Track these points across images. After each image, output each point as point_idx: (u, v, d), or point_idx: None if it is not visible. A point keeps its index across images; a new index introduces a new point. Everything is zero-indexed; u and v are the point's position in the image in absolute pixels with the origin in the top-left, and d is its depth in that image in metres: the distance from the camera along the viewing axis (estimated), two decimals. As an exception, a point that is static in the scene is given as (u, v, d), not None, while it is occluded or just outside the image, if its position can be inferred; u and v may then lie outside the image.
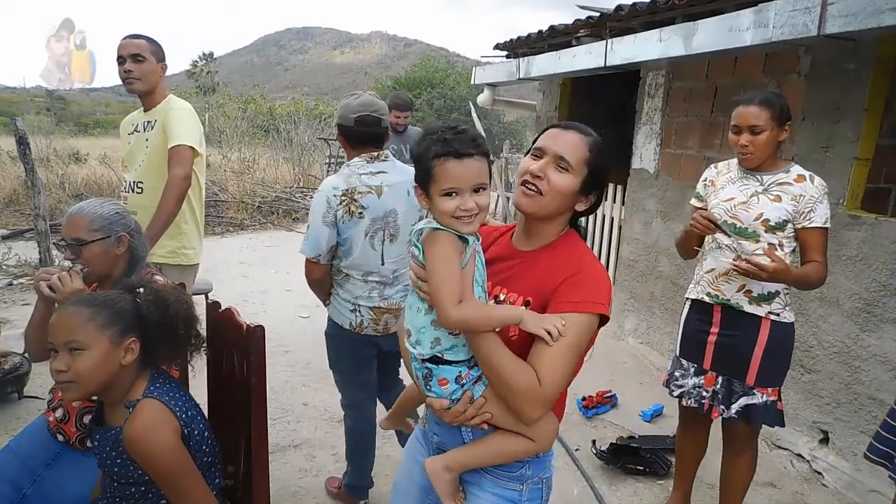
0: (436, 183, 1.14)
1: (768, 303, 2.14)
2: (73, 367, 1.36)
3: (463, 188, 1.13)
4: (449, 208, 1.13)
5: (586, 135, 1.27)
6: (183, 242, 2.74)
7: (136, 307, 1.48)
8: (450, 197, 1.14)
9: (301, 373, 3.95)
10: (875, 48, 2.76)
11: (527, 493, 1.30)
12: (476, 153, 1.14)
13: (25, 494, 1.72)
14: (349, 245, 2.21)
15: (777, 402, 2.19)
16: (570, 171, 1.23)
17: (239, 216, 9.54)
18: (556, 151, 1.23)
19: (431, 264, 1.14)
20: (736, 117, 2.12)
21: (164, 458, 1.37)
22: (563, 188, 1.23)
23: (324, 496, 2.66)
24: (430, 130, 1.18)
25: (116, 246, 1.81)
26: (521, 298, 1.23)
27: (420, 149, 1.17)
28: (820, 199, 2.07)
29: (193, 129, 2.67)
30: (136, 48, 2.67)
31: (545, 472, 1.33)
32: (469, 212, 1.14)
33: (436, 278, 1.13)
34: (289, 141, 14.11)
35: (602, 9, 4.34)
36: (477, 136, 1.17)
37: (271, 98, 21.51)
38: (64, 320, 1.40)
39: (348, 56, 77.00)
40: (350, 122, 2.21)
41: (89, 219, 1.78)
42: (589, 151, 1.25)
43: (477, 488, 1.31)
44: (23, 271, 5.83)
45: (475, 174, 1.14)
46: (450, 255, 1.13)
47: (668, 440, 3.01)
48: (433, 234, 1.15)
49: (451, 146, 1.12)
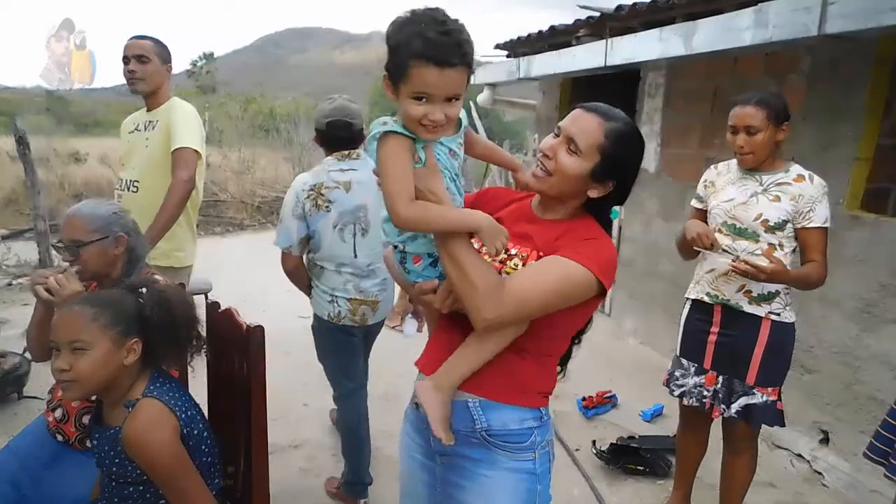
0: (407, 83, 1.05)
1: (768, 303, 2.14)
2: (76, 367, 1.37)
3: (435, 96, 1.04)
4: (416, 113, 1.06)
5: (608, 119, 1.20)
6: (175, 244, 2.73)
7: (138, 308, 1.48)
8: (419, 101, 1.05)
9: (301, 373, 3.94)
10: (875, 48, 2.76)
11: (539, 459, 1.28)
12: (459, 63, 1.03)
13: (25, 494, 1.72)
14: (318, 237, 2.35)
15: (777, 401, 2.19)
16: (580, 154, 1.19)
17: (239, 216, 9.55)
18: (570, 132, 1.20)
19: (382, 167, 1.10)
20: (732, 118, 2.12)
21: (163, 458, 1.37)
22: (570, 171, 1.20)
23: (324, 496, 2.66)
24: (414, 16, 1.04)
25: (115, 246, 1.81)
26: (535, 253, 1.22)
27: (398, 36, 1.04)
28: (819, 198, 2.07)
29: (197, 132, 2.67)
30: (140, 49, 2.68)
31: (549, 435, 1.33)
32: (436, 122, 1.06)
33: (386, 179, 1.10)
34: (289, 141, 14.11)
35: (602, 9, 4.34)
36: (464, 39, 1.04)
37: (271, 98, 21.47)
38: (67, 319, 1.40)
39: (348, 56, 77.00)
40: (322, 126, 2.38)
41: (87, 220, 1.78)
42: (605, 138, 1.19)
43: (489, 468, 1.26)
44: (22, 271, 5.84)
45: (452, 85, 1.04)
46: (399, 157, 1.09)
47: (668, 440, 3.01)
48: (384, 137, 1.10)
49: (434, 49, 1.01)
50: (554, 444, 1.37)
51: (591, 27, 4.36)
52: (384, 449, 3.02)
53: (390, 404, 3.48)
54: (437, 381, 1.24)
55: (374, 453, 2.97)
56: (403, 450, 1.44)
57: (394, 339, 4.00)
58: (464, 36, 1.05)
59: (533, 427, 1.26)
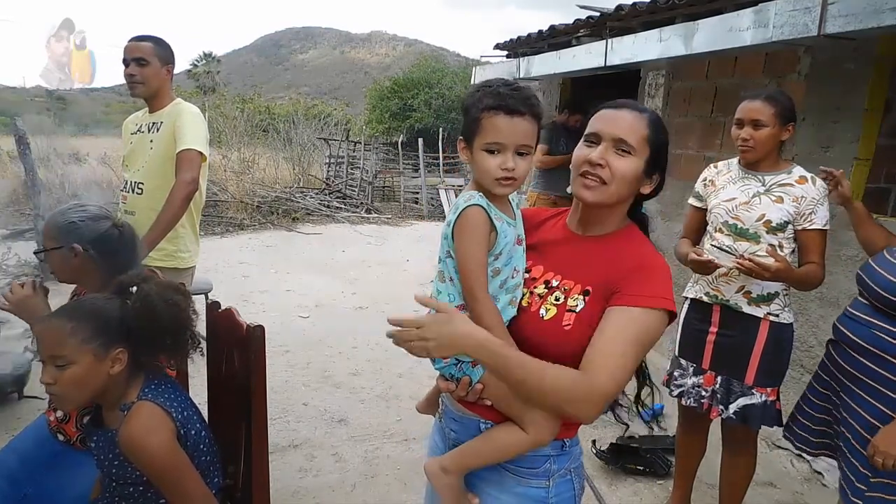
0: (481, 135, 1.12)
1: (767, 304, 2.14)
2: (60, 381, 1.35)
3: (507, 145, 1.11)
4: (490, 165, 1.11)
5: (641, 111, 1.17)
6: (178, 245, 2.73)
7: (123, 314, 1.44)
8: (492, 154, 1.11)
9: (301, 373, 3.95)
10: (875, 48, 2.76)
11: (554, 488, 1.21)
12: (528, 113, 1.10)
13: (26, 494, 1.72)
14: None
15: (776, 402, 2.19)
16: (633, 153, 1.14)
17: (239, 216, 9.54)
18: (615, 134, 1.14)
19: (464, 241, 1.14)
20: (740, 111, 2.14)
21: (160, 459, 1.36)
22: (629, 173, 1.14)
23: (324, 496, 2.66)
24: (485, 83, 1.14)
25: (73, 257, 1.73)
26: (578, 286, 1.16)
27: (471, 99, 1.13)
28: (821, 201, 2.07)
29: (202, 135, 2.66)
30: (139, 51, 2.63)
31: (572, 463, 1.24)
32: (509, 171, 1.11)
33: (466, 259, 1.13)
34: (288, 141, 14.12)
35: (602, 9, 4.34)
36: (532, 95, 1.13)
37: (270, 98, 21.49)
38: (46, 334, 1.38)
39: (348, 56, 76.89)
40: None
41: (49, 227, 1.77)
42: (648, 128, 1.15)
43: (497, 489, 1.22)
44: (23, 271, 5.83)
45: (522, 134, 1.11)
46: (480, 234, 1.13)
47: (668, 440, 3.01)
48: (465, 213, 1.13)
49: (503, 100, 1.09)
50: (583, 475, 1.29)
51: (590, 27, 4.36)
52: (384, 449, 3.02)
53: (390, 404, 3.49)
54: (445, 465, 1.21)
55: (374, 453, 2.98)
56: (429, 452, 1.42)
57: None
58: (531, 93, 1.14)
59: (549, 455, 1.20)
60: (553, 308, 1.16)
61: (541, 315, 1.16)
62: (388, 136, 18.00)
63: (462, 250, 1.13)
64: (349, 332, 4.70)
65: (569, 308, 1.14)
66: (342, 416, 3.35)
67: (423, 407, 1.48)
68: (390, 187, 13.67)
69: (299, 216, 10.21)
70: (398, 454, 2.96)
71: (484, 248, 1.14)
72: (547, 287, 1.19)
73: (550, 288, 1.18)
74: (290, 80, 67.08)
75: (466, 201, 1.13)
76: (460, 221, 1.13)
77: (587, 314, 1.13)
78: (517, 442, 1.16)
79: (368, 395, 3.63)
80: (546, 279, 1.20)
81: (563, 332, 1.13)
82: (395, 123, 19.50)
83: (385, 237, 9.28)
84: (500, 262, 1.17)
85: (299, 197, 11.10)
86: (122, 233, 1.81)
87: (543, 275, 1.21)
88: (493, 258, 1.16)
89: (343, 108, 24.39)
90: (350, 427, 3.24)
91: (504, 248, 1.17)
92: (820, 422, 2.00)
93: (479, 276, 1.12)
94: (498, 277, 1.17)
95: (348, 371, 4.00)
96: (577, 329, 1.12)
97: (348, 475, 2.80)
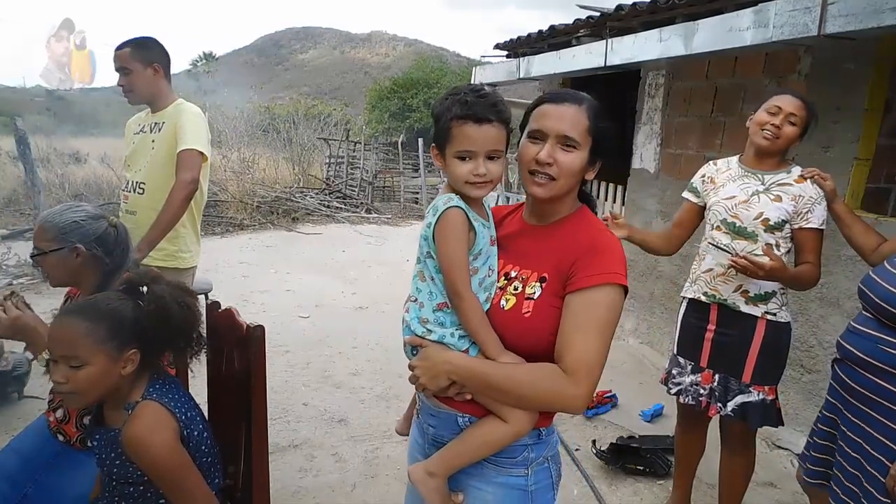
0: (452, 144, 1.17)
1: (765, 303, 2.15)
2: (73, 381, 1.35)
3: (477, 152, 1.15)
4: (462, 171, 1.16)
5: (580, 102, 1.20)
6: (180, 246, 2.72)
7: (136, 314, 1.44)
8: (463, 161, 1.16)
9: (301, 373, 3.95)
10: (875, 48, 2.76)
11: (533, 476, 1.25)
12: (495, 119, 1.15)
13: (26, 494, 1.72)
14: None
15: (775, 400, 2.19)
16: (578, 147, 1.18)
17: (239, 216, 9.55)
18: (560, 131, 1.17)
19: (445, 242, 1.18)
20: (781, 100, 2.11)
21: (163, 459, 1.36)
22: (575, 167, 1.19)
23: (324, 496, 2.66)
24: (453, 91, 1.19)
25: (74, 257, 1.72)
26: (535, 274, 1.20)
27: (441, 108, 1.18)
28: (819, 200, 2.08)
29: (203, 135, 2.65)
30: (119, 61, 2.61)
31: (549, 451, 1.29)
32: (481, 177, 1.16)
33: (447, 258, 1.17)
34: (288, 141, 14.12)
35: (602, 9, 4.34)
36: (498, 101, 1.17)
37: (270, 98, 21.50)
38: (61, 333, 1.37)
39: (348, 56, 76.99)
40: None
41: (46, 228, 1.72)
42: (588, 119, 1.19)
43: (479, 481, 1.25)
44: (22, 271, 5.84)
45: (491, 140, 1.16)
46: (460, 233, 1.17)
47: (668, 440, 3.01)
48: (445, 214, 1.18)
49: (471, 109, 1.14)
50: (560, 462, 1.34)
51: (590, 27, 4.36)
52: (383, 448, 3.02)
53: (390, 404, 3.49)
54: (430, 468, 1.24)
55: (374, 453, 2.98)
56: (410, 450, 1.45)
57: (394, 338, 4.00)
58: (497, 98, 1.18)
59: (527, 444, 1.24)
60: (512, 298, 1.20)
61: (501, 306, 1.21)
62: (388, 136, 18.02)
63: (444, 250, 1.18)
64: (349, 332, 4.71)
65: (527, 296, 1.19)
66: (342, 417, 3.35)
67: (402, 427, 1.52)
68: (390, 187, 13.68)
69: (299, 216, 10.21)
70: (398, 454, 2.96)
71: (465, 247, 1.18)
72: (507, 279, 1.24)
73: (510, 279, 1.23)
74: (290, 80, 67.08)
75: (445, 203, 1.19)
76: (441, 223, 1.18)
77: (545, 300, 1.18)
78: (498, 436, 1.20)
79: (368, 395, 3.63)
80: (506, 271, 1.25)
81: (523, 320, 1.18)
82: (394, 123, 19.54)
83: (385, 237, 9.29)
84: (478, 261, 1.22)
85: (299, 197, 11.11)
86: (118, 232, 1.81)
87: (503, 268, 1.26)
88: (472, 258, 1.21)
89: (343, 108, 24.42)
90: (350, 427, 3.25)
91: (482, 247, 1.22)
92: (824, 449, 1.93)
93: (462, 275, 1.17)
94: (476, 276, 1.21)
95: (348, 371, 4.01)
96: (536, 316, 1.17)
97: (348, 475, 2.80)
